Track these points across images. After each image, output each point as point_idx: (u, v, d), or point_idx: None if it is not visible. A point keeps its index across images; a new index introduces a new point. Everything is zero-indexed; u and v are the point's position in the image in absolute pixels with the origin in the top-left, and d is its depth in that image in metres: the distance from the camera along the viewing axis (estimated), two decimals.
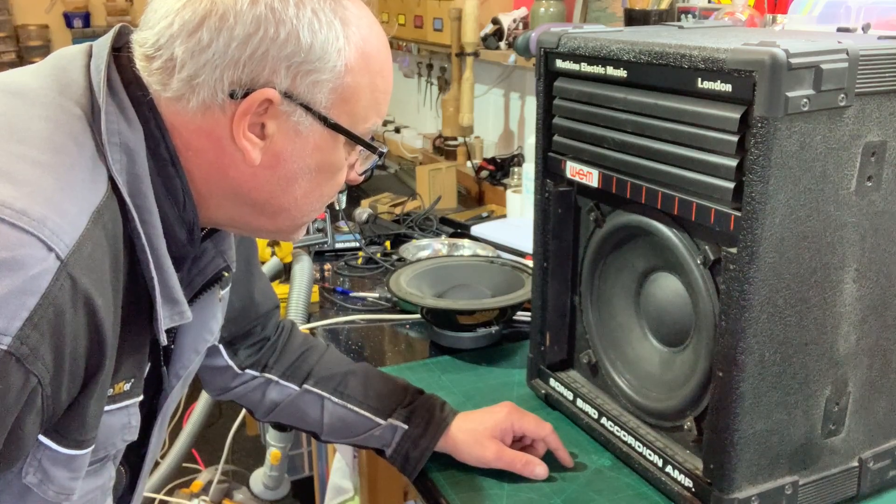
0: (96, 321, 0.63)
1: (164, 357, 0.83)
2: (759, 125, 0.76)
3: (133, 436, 0.77)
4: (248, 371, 1.06)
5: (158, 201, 0.71)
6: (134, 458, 0.85)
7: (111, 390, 0.71)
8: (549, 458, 1.04)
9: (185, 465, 2.09)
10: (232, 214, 0.78)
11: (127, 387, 0.74)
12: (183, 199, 0.73)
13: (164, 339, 0.74)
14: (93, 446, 0.71)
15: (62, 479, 0.69)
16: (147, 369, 0.78)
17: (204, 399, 1.80)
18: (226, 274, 0.85)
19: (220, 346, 1.04)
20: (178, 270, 0.75)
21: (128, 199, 0.68)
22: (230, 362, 1.05)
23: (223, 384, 1.07)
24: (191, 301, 0.81)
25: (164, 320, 0.73)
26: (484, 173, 2.37)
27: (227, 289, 0.91)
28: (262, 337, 1.08)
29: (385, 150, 0.82)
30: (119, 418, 0.74)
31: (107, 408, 0.72)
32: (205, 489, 1.86)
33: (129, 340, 0.71)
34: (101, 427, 0.72)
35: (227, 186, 0.74)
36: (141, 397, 0.77)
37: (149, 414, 0.84)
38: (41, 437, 0.66)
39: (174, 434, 1.85)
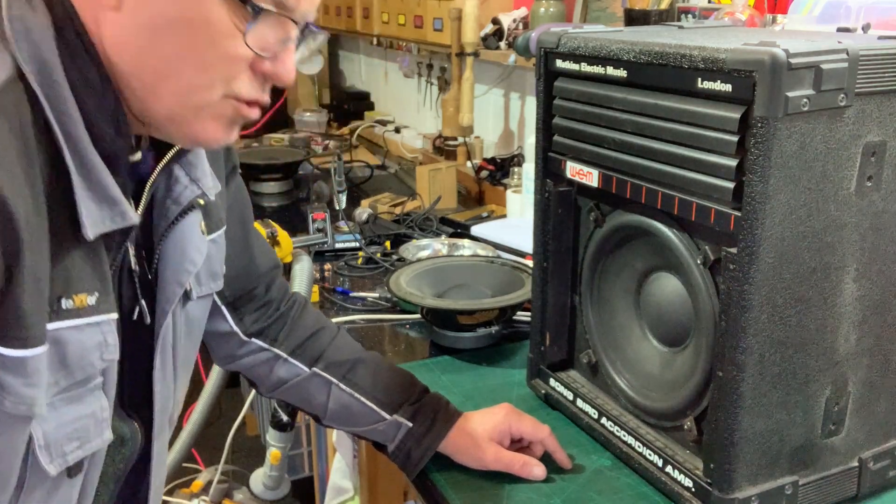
0: (1, 204, 0.61)
1: (144, 290, 0.82)
2: (759, 125, 0.76)
3: (113, 354, 0.75)
4: (254, 340, 1.05)
5: (75, 90, 0.68)
6: (145, 413, 0.85)
7: (70, 302, 0.69)
8: (549, 459, 1.04)
9: (185, 465, 2.09)
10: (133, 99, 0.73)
11: (91, 301, 0.71)
12: (101, 84, 0.70)
13: (89, 235, 0.70)
14: (44, 347, 0.68)
15: (16, 386, 0.67)
16: (114, 288, 0.76)
17: (204, 399, 1.80)
18: (201, 202, 0.83)
19: (224, 309, 1.02)
20: (115, 174, 0.72)
21: (37, 88, 0.66)
22: (235, 328, 1.04)
23: (229, 351, 1.06)
24: (166, 231, 0.80)
25: (103, 222, 0.70)
26: (484, 173, 2.37)
27: (220, 233, 0.90)
28: (266, 301, 1.07)
29: (272, 10, 0.71)
30: (91, 335, 0.72)
31: (73, 322, 0.70)
32: (205, 489, 1.86)
33: (70, 245, 0.69)
34: (72, 344, 0.70)
35: (105, 52, 0.70)
36: (114, 315, 0.75)
37: (148, 357, 0.83)
38: None
39: (174, 434, 1.84)
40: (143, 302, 0.82)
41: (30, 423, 0.69)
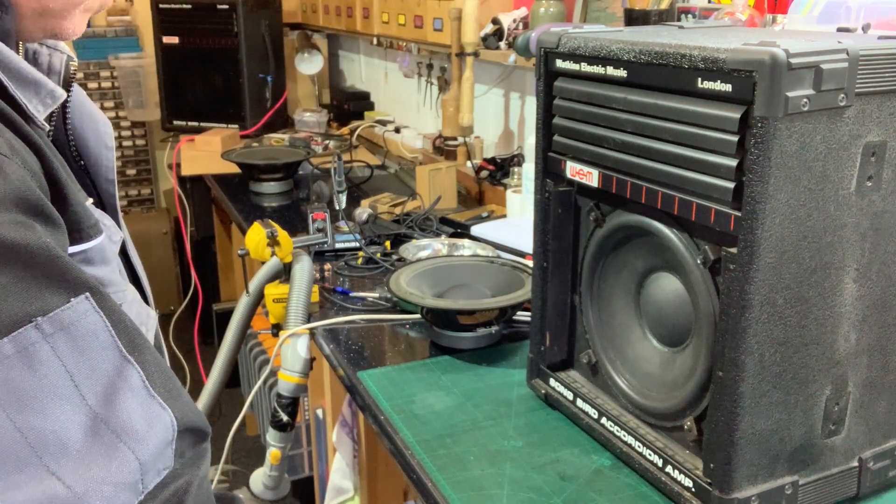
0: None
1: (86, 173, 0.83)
2: (759, 125, 0.76)
3: (118, 234, 0.79)
4: None
5: None
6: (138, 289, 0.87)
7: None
8: (549, 459, 1.04)
9: None
10: None
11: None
12: None
13: (41, 121, 0.70)
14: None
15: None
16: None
17: (204, 399, 1.80)
18: (74, 63, 0.82)
19: None
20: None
21: None
22: None
23: None
24: (65, 106, 0.80)
25: (44, 106, 0.70)
26: (484, 173, 2.37)
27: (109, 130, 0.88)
28: None
29: None
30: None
31: None
32: None
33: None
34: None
35: None
36: (91, 199, 0.76)
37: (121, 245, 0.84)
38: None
39: None
40: (88, 180, 0.84)
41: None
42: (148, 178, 4.22)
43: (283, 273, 1.57)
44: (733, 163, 0.80)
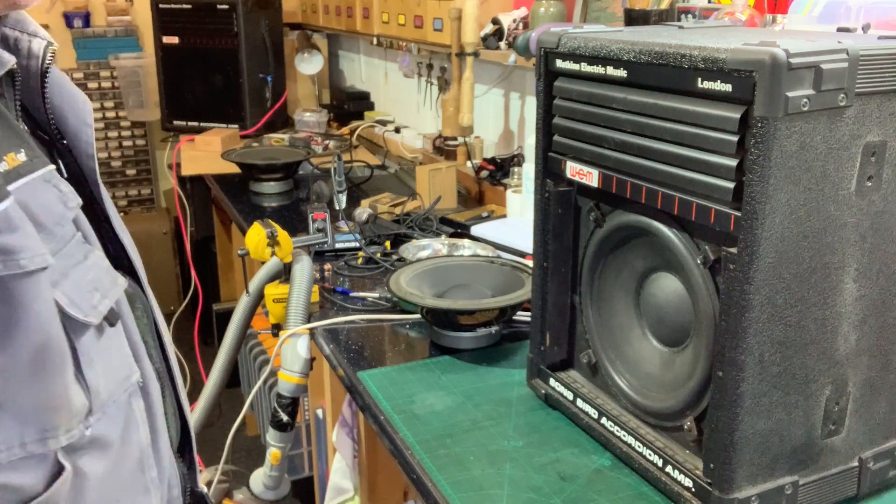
0: None
1: (61, 149, 0.85)
2: (759, 125, 0.76)
3: (74, 200, 0.78)
4: None
5: None
6: (126, 265, 0.87)
7: (4, 164, 0.70)
8: (549, 459, 1.04)
9: None
10: None
11: (22, 157, 0.72)
12: None
13: None
14: (10, 198, 0.69)
15: (18, 240, 0.68)
16: (43, 150, 0.77)
17: (204, 399, 1.80)
18: (54, 48, 0.84)
19: None
20: None
21: None
22: None
23: None
24: (43, 86, 0.82)
25: None
26: (484, 173, 2.37)
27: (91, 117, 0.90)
28: None
29: None
30: (45, 190, 0.74)
31: (19, 183, 0.71)
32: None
33: None
34: (33, 204, 0.71)
35: None
36: (52, 166, 0.76)
37: (95, 213, 0.84)
38: None
39: None
40: (59, 161, 0.85)
41: (49, 284, 0.70)
42: (148, 178, 4.21)
43: (283, 273, 1.57)
44: (733, 163, 0.80)
